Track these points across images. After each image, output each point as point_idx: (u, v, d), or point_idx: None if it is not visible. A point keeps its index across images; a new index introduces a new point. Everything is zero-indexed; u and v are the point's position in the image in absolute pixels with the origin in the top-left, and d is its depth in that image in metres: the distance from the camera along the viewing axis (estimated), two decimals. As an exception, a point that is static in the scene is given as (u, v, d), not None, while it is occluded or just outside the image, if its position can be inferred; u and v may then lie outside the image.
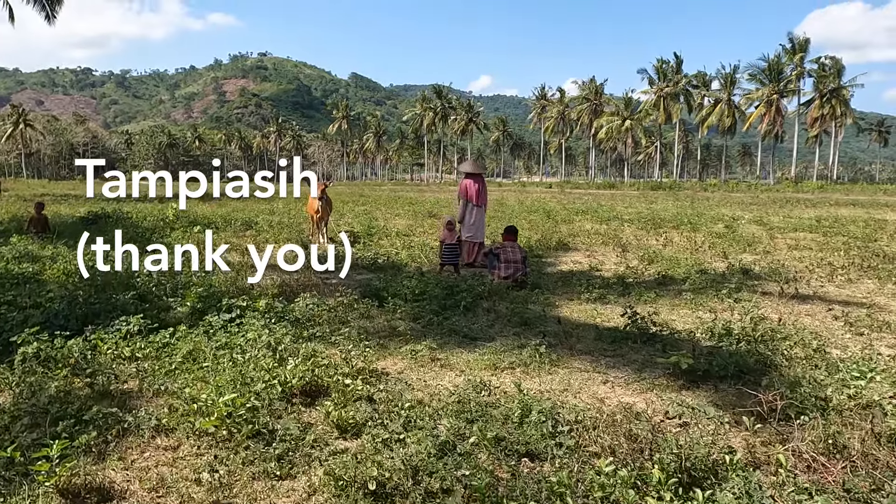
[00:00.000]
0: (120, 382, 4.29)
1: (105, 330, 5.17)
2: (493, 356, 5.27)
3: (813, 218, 21.64)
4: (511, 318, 6.78)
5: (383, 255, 10.89)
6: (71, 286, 6.98)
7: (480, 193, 10.94)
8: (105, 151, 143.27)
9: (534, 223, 18.55)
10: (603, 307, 7.55)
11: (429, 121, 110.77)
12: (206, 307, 6.04)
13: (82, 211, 18.28)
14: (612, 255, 12.33)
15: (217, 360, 4.68)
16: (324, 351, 5.06)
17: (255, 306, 5.98)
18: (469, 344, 5.85)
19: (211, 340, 5.09)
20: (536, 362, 5.09)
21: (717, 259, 11.93)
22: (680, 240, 14.89)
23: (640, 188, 62.64)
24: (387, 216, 21.36)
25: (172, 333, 5.26)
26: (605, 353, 5.54)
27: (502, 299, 7.78)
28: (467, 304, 7.10)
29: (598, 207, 27.31)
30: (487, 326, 6.55)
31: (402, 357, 5.33)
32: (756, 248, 13.31)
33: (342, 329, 5.75)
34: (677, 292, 8.42)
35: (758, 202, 35.61)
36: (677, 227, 18.02)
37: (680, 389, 4.50)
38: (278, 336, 5.03)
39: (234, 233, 14.68)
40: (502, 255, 8.75)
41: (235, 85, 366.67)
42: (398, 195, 40.44)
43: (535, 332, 6.35)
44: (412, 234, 15.43)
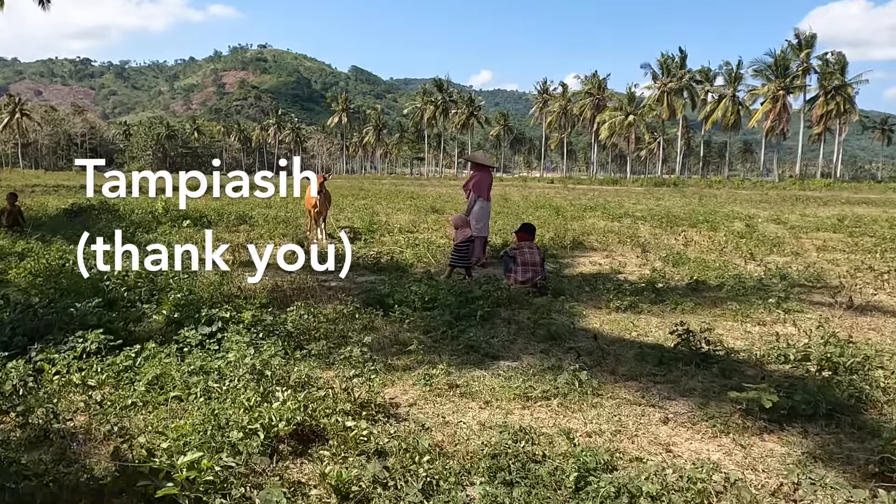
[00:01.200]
0: (63, 421, 3.41)
1: (56, 348, 4.29)
2: (522, 382, 4.40)
3: (832, 217, 20.79)
4: (535, 331, 5.91)
5: (386, 254, 10.00)
6: (35, 290, 6.09)
7: (490, 187, 10.09)
8: (103, 142, 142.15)
9: (543, 220, 17.66)
10: (636, 317, 6.68)
11: (429, 114, 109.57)
12: (184, 317, 5.16)
13: (69, 203, 17.35)
14: (633, 256, 11.48)
15: (188, 390, 3.80)
16: (320, 376, 4.19)
17: (241, 318, 5.10)
18: (491, 364, 4.99)
19: (183, 362, 4.21)
20: (576, 391, 4.22)
21: (746, 261, 11.07)
22: (700, 239, 14.03)
23: (643, 184, 61.75)
24: (388, 211, 20.47)
25: (138, 352, 4.38)
26: (653, 379, 4.67)
27: (522, 307, 6.92)
28: (484, 314, 6.23)
29: (606, 204, 26.45)
30: (509, 341, 5.68)
31: (413, 382, 4.46)
32: (783, 250, 12.45)
33: (342, 346, 4.88)
34: (714, 300, 7.55)
35: (767, 199, 34.75)
36: (694, 225, 17.15)
37: (761, 433, 3.63)
38: (265, 357, 4.15)
39: (226, 228, 13.78)
40: (518, 256, 7.87)
41: (235, 77, 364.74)
42: (399, 189, 39.54)
43: (564, 348, 5.49)
44: (416, 231, 14.55)
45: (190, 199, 5.90)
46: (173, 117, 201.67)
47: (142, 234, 11.45)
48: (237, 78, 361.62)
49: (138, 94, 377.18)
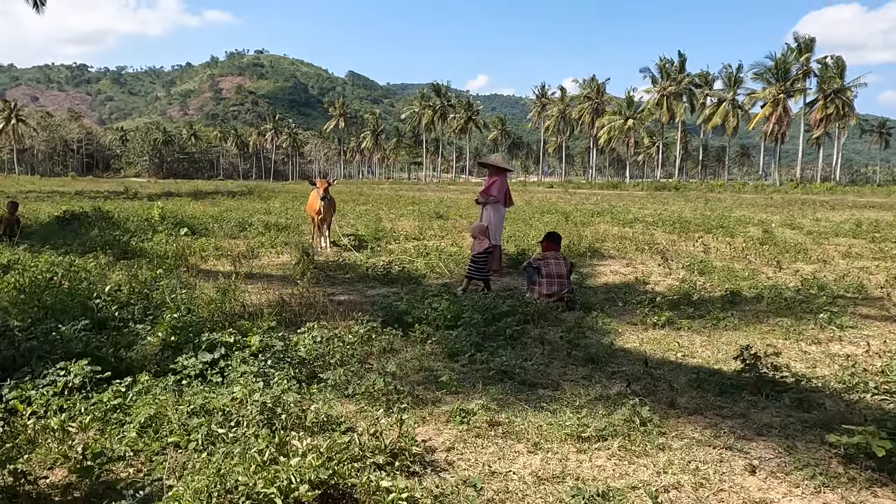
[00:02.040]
0: (33, 481, 2.81)
1: (34, 383, 3.70)
2: (572, 417, 3.82)
3: (845, 221, 20.27)
4: (570, 352, 5.33)
5: (396, 263, 9.41)
6: (16, 309, 5.48)
7: (509, 193, 9.54)
8: (99, 148, 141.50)
9: (553, 226, 17.11)
10: (677, 335, 6.11)
11: (427, 119, 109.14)
12: (182, 341, 4.56)
13: (62, 210, 16.70)
14: (653, 264, 10.91)
15: (188, 436, 3.21)
16: (341, 414, 3.61)
17: (246, 342, 4.50)
18: (529, 394, 4.41)
19: (182, 399, 3.62)
20: (639, 431, 3.64)
21: (773, 269, 10.52)
22: (718, 245, 13.48)
23: (644, 188, 61.24)
24: (391, 217, 19.87)
25: (130, 385, 3.79)
26: (720, 413, 4.09)
27: (551, 324, 6.35)
28: (513, 333, 5.65)
29: (612, 208, 25.93)
30: (543, 364, 5.10)
31: (447, 419, 3.87)
32: (809, 257, 11.89)
33: (362, 375, 4.30)
34: (756, 314, 6.99)
35: (773, 203, 34.22)
36: (708, 230, 16.61)
37: (870, 485, 3.05)
38: (276, 392, 3.57)
39: (226, 235, 13.18)
40: (543, 267, 7.28)
41: (232, 82, 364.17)
42: (399, 194, 38.97)
43: (607, 373, 4.92)
44: (422, 238, 13.97)
45: (189, 205, 5.38)
46: (170, 123, 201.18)
47: (137, 242, 10.85)
48: (234, 83, 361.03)
49: (135, 100, 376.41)
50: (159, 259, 9.15)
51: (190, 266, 8.56)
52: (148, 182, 72.62)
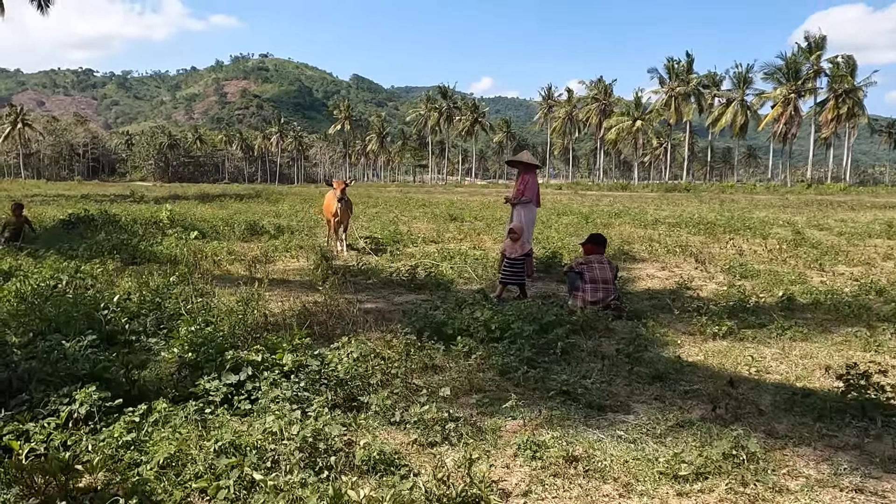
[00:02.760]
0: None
1: (32, 413, 3.15)
2: (663, 453, 3.25)
3: (873, 222, 19.63)
4: (633, 368, 4.77)
5: (421, 268, 8.84)
6: (15, 322, 4.95)
7: (538, 192, 8.98)
8: (105, 152, 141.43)
9: (574, 227, 16.56)
10: (742, 346, 5.53)
11: (433, 121, 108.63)
12: (202, 359, 4.01)
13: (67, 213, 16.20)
14: (688, 267, 10.34)
15: (217, 481, 2.66)
16: (392, 452, 3.06)
17: (275, 360, 3.95)
18: (599, 419, 3.85)
19: (206, 431, 3.07)
20: (747, 470, 3.07)
21: (816, 272, 9.94)
22: (750, 248, 12.88)
23: (654, 190, 60.54)
24: (403, 219, 19.32)
25: (144, 414, 3.24)
26: (830, 443, 3.51)
27: (602, 335, 5.78)
28: (565, 347, 5.08)
29: (628, 210, 25.36)
30: (605, 382, 4.54)
31: (514, 452, 3.31)
32: (850, 259, 11.30)
33: (409, 399, 3.75)
34: (820, 322, 6.41)
35: (789, 204, 33.53)
36: (735, 231, 16.00)
37: None
38: (318, 425, 3.02)
39: (238, 238, 12.65)
40: (587, 272, 6.72)
41: (237, 86, 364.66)
42: (407, 197, 38.44)
43: (679, 392, 4.36)
44: (441, 241, 13.43)
45: (197, 207, 4.86)
46: (175, 127, 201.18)
47: (146, 246, 10.32)
48: (239, 87, 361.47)
49: (140, 104, 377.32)
50: (171, 264, 8.62)
51: (203, 271, 8.02)
52: (154, 185, 72.38)
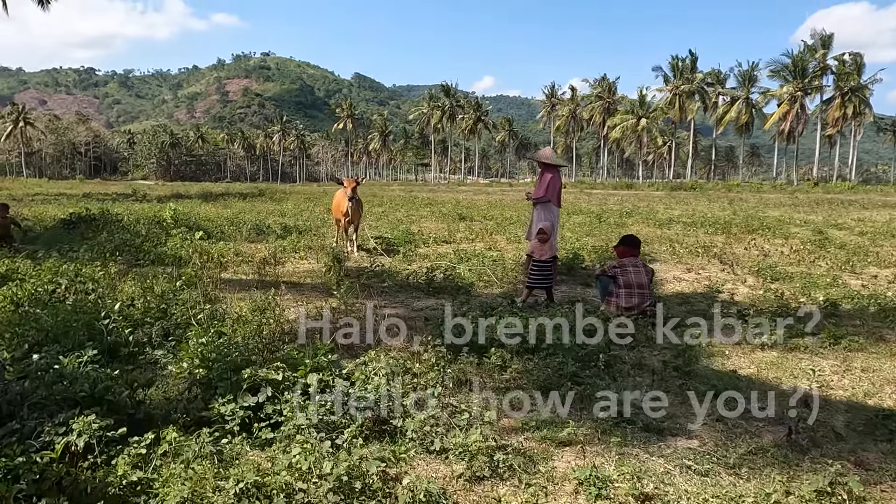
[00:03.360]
0: None
1: (23, 445, 2.73)
2: (745, 489, 2.83)
3: (891, 220, 19.20)
4: (683, 384, 4.35)
5: (439, 270, 8.41)
6: (9, 333, 4.53)
7: (560, 192, 8.52)
8: (107, 151, 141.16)
9: (588, 227, 16.13)
10: (796, 358, 5.11)
11: (436, 119, 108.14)
12: (215, 377, 3.59)
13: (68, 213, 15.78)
14: (714, 269, 9.91)
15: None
16: (440, 491, 2.64)
17: (296, 378, 3.53)
18: (661, 444, 3.43)
19: (224, 469, 2.65)
20: (849, 512, 2.65)
21: (847, 274, 9.52)
22: (773, 248, 12.45)
23: (660, 188, 60.04)
24: (412, 219, 18.90)
25: (152, 445, 2.83)
26: (931, 476, 3.09)
27: (643, 345, 5.36)
28: (609, 360, 4.66)
29: (637, 209, 24.93)
30: (654, 399, 4.12)
31: (574, 488, 2.89)
32: (881, 260, 10.87)
33: (449, 425, 3.33)
34: (872, 331, 5.98)
35: (799, 203, 33.08)
36: (752, 231, 15.57)
37: None
38: (352, 460, 2.60)
39: (244, 239, 12.23)
40: (621, 276, 6.30)
41: (238, 85, 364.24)
42: (412, 195, 38.00)
43: (740, 411, 3.93)
44: (454, 241, 13.01)
45: (201, 206, 4.45)
46: (177, 125, 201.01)
47: (150, 247, 9.91)
48: (240, 86, 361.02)
49: (142, 103, 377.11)
50: (176, 266, 8.21)
51: (211, 275, 7.61)
52: (156, 184, 72.02)
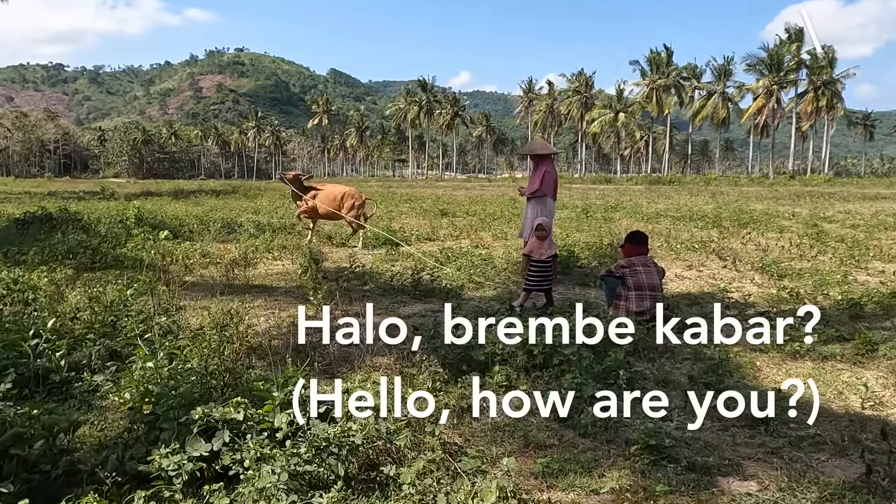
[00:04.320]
0: None
1: None
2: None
3: (880, 213, 18.97)
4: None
5: (426, 271, 7.72)
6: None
7: (556, 183, 7.85)
8: (77, 148, 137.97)
9: (573, 223, 15.59)
10: (834, 369, 4.54)
11: (413, 115, 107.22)
12: (162, 413, 2.88)
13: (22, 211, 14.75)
14: (714, 266, 9.38)
15: None
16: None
17: (264, 416, 2.83)
18: (712, 489, 2.80)
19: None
20: None
21: (854, 269, 9.06)
22: (769, 242, 12.00)
23: (638, 183, 60.00)
24: (392, 215, 18.18)
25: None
26: None
27: (663, 356, 4.74)
28: (630, 377, 4.03)
29: (620, 203, 24.49)
30: (684, 422, 3.49)
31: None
32: (885, 255, 10.44)
33: (453, 472, 2.66)
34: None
35: (780, 196, 32.97)
36: (742, 225, 15.14)
37: None
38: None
39: (213, 238, 11.43)
40: (630, 277, 5.68)
41: (212, 81, 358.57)
42: (391, 192, 37.20)
43: (792, 439, 3.33)
44: (438, 238, 12.35)
45: (171, 204, 3.76)
46: (150, 122, 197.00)
47: (108, 248, 9.08)
48: (214, 82, 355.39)
49: (113, 100, 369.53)
50: (135, 269, 7.43)
51: (172, 279, 6.84)
52: (127, 182, 70.08)
